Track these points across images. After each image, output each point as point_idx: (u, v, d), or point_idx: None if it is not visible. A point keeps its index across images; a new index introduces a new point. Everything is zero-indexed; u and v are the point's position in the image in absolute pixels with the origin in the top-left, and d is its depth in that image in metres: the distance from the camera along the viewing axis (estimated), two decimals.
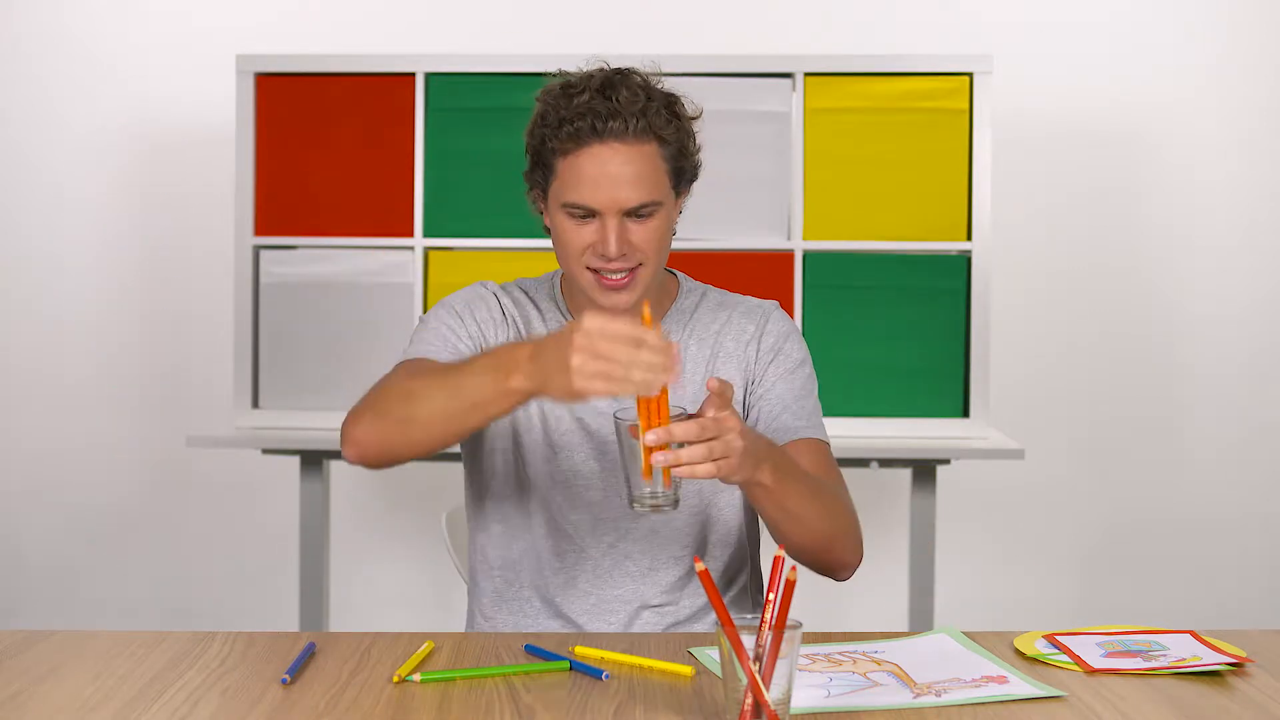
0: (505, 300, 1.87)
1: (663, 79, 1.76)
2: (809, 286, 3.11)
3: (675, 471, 1.49)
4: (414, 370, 1.70)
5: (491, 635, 1.64)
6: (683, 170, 1.77)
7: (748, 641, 1.31)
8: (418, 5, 3.69)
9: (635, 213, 1.71)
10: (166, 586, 3.78)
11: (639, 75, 1.74)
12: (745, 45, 3.60)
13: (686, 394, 1.81)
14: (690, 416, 1.51)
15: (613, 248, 1.70)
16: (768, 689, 1.30)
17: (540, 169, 1.75)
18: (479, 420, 1.58)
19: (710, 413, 1.50)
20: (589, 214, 1.71)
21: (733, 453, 1.50)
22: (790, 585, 1.33)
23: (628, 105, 1.69)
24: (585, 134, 1.69)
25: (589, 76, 1.73)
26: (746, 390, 1.85)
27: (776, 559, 1.38)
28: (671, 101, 1.75)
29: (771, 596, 1.34)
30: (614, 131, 1.69)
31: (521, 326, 1.86)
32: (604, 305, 1.74)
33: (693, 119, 1.77)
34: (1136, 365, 3.72)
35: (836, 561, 1.74)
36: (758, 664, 1.31)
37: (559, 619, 1.84)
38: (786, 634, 1.31)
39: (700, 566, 1.37)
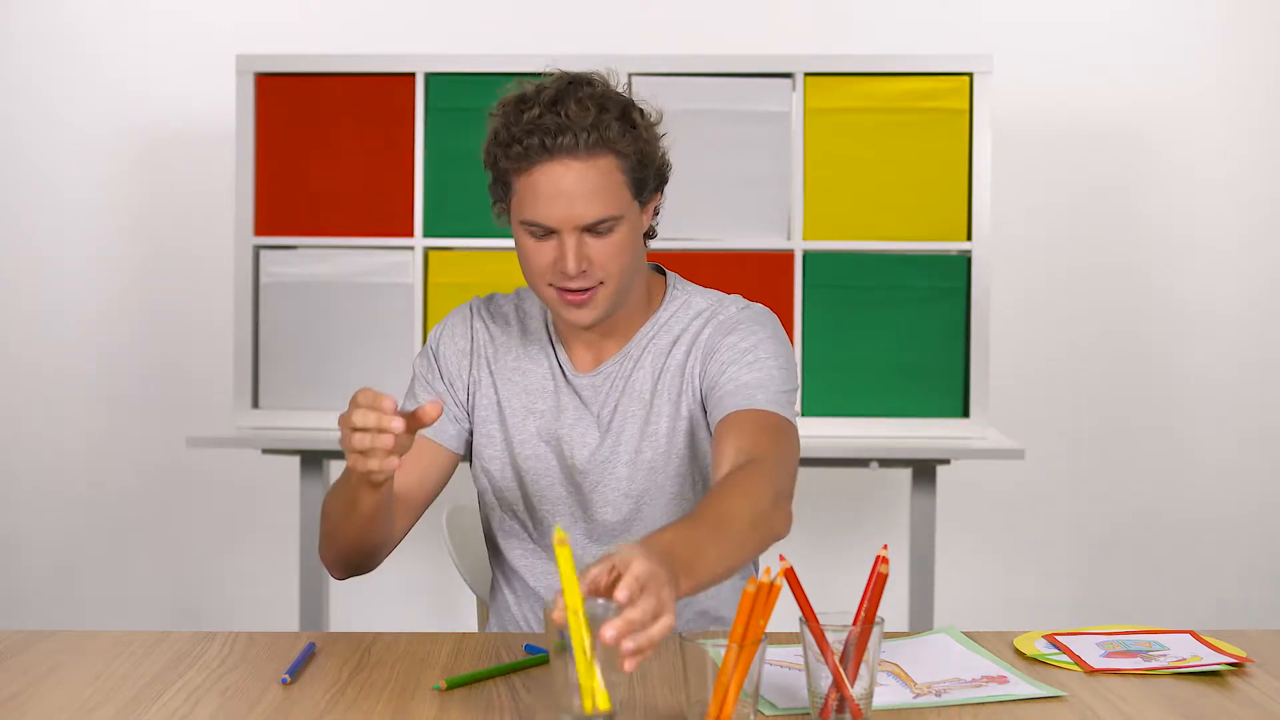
0: (480, 321, 1.84)
1: (620, 84, 1.70)
2: (809, 286, 3.11)
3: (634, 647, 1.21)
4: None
5: (491, 635, 1.65)
6: (644, 180, 1.70)
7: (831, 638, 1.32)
8: (418, 5, 3.69)
9: (593, 229, 1.66)
10: (166, 586, 3.78)
11: (593, 85, 1.67)
12: (745, 45, 3.60)
13: (636, 400, 1.78)
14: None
15: (570, 265, 1.65)
16: (852, 684, 1.32)
17: (499, 185, 1.72)
18: (360, 515, 1.61)
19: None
20: (547, 232, 1.67)
21: (666, 602, 1.24)
22: (882, 580, 1.33)
23: (578, 119, 1.63)
24: (535, 152, 1.64)
25: (540, 90, 1.67)
26: (692, 391, 1.76)
27: (878, 558, 1.36)
28: (626, 110, 1.68)
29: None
30: (564, 147, 1.63)
31: (493, 341, 1.84)
32: (568, 320, 1.71)
33: (653, 124, 1.71)
34: (1136, 365, 3.72)
35: (767, 547, 1.58)
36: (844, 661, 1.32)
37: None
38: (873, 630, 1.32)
39: (785, 564, 1.28)
